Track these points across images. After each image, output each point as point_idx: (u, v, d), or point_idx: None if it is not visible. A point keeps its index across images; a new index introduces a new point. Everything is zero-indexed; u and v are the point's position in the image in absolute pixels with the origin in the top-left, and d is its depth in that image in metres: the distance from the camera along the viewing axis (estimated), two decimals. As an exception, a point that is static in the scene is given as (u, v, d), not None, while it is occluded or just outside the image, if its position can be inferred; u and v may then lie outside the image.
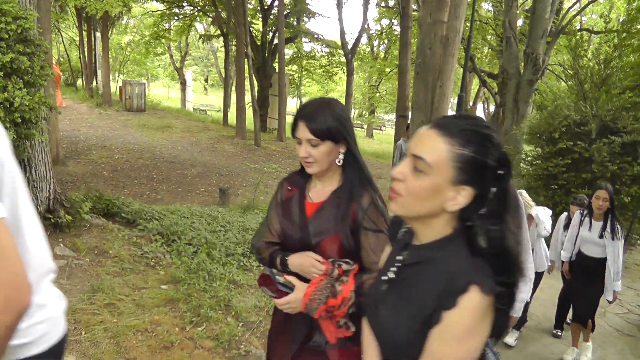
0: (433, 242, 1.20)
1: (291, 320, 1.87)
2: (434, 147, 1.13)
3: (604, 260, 4.43)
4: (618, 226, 4.37)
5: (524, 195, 4.05)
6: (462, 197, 1.13)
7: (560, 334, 5.11)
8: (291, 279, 1.74)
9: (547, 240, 4.99)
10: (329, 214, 1.81)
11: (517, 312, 2.94)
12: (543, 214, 4.48)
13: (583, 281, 4.61)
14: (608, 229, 4.36)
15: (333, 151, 1.79)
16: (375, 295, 1.34)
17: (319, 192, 1.89)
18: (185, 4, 23.50)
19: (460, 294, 1.07)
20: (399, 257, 1.30)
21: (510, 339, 4.73)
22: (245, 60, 17.27)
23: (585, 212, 4.58)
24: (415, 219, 1.22)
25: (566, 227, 5.07)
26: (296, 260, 1.84)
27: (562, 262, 4.93)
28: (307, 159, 1.79)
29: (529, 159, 9.25)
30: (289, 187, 1.97)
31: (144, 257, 4.77)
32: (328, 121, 1.75)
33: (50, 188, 4.77)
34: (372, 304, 1.35)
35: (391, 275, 1.30)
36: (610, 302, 4.58)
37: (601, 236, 4.40)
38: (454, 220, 1.18)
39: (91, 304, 3.71)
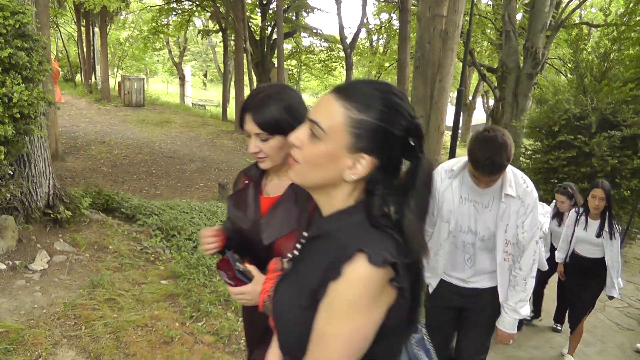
0: (334, 213, 1.10)
1: (253, 316, 1.71)
2: (329, 111, 1.04)
3: (600, 260, 4.29)
4: (616, 225, 4.22)
5: None
6: (362, 166, 1.04)
7: (560, 328, 5.11)
8: (251, 268, 1.56)
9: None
10: (286, 211, 1.66)
11: (510, 327, 2.62)
12: (540, 211, 4.37)
13: (578, 282, 4.47)
14: (606, 228, 4.20)
15: (285, 145, 1.57)
16: (281, 275, 1.24)
17: (276, 186, 1.75)
18: (183, -2, 23.44)
19: (345, 262, 0.96)
20: (305, 233, 1.22)
21: None
22: (244, 55, 17.23)
23: (581, 210, 4.42)
24: (314, 189, 1.13)
25: (554, 216, 4.96)
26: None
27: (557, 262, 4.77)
28: (257, 154, 1.65)
29: (528, 152, 9.25)
30: (246, 181, 1.83)
31: (144, 252, 4.77)
32: (276, 113, 1.58)
33: (49, 183, 4.77)
34: (275, 286, 1.23)
35: (295, 252, 1.21)
36: (611, 298, 4.48)
37: (598, 235, 4.24)
38: (357, 191, 1.09)
39: (91, 299, 3.71)
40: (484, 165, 2.30)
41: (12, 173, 4.28)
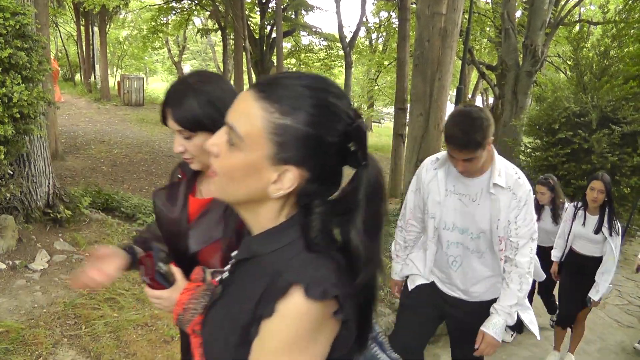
0: (263, 233, 0.93)
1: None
2: (247, 113, 0.85)
3: (599, 260, 4.02)
4: (616, 222, 3.98)
5: None
6: (288, 180, 0.86)
7: (559, 325, 5.08)
8: (176, 271, 1.34)
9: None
10: (215, 217, 1.45)
11: (500, 332, 2.34)
12: None
13: (577, 280, 4.18)
14: (605, 224, 3.96)
15: None
16: (210, 301, 1.06)
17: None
18: (182, -3, 23.42)
19: (279, 297, 0.81)
20: (234, 253, 1.03)
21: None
22: (244, 54, 17.19)
23: (580, 204, 4.17)
24: (237, 205, 0.95)
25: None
26: None
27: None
28: (183, 154, 1.45)
29: (528, 150, 9.24)
30: (180, 176, 1.63)
31: (144, 251, 4.77)
32: (197, 108, 1.37)
33: (49, 183, 4.77)
34: (204, 315, 1.06)
35: (225, 274, 1.04)
36: (590, 305, 4.08)
37: (597, 232, 3.99)
38: (288, 207, 0.92)
39: (91, 298, 3.71)
40: (455, 139, 2.14)
41: (12, 173, 4.29)
